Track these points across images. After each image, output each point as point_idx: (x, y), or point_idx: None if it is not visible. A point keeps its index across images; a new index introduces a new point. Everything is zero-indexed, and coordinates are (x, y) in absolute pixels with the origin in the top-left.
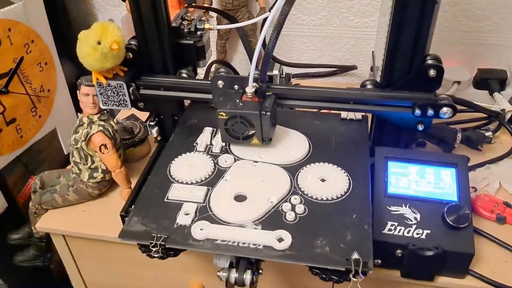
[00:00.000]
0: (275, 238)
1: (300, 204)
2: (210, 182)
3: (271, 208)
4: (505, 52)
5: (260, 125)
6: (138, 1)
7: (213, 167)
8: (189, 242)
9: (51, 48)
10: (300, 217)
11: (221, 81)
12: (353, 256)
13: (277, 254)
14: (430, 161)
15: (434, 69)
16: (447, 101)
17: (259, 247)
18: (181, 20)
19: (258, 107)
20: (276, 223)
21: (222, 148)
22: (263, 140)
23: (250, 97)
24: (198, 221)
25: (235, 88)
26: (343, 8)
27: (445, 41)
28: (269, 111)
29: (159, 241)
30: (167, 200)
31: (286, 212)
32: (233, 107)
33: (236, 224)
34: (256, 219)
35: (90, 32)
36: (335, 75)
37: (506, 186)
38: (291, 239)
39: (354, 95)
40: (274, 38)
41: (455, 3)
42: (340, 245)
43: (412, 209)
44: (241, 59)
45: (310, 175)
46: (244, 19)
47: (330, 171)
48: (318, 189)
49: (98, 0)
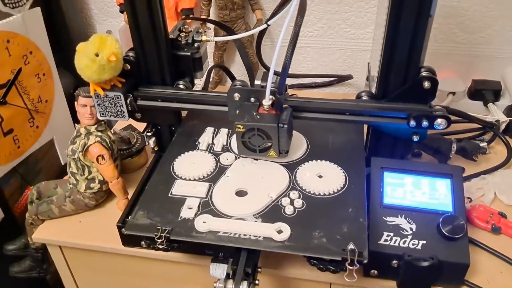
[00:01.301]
0: (274, 230)
1: (299, 199)
2: (212, 179)
3: (270, 202)
4: (499, 64)
5: (278, 137)
6: (136, 13)
7: (215, 165)
8: (193, 234)
9: (49, 59)
10: (298, 211)
11: (238, 94)
12: (349, 246)
13: (277, 245)
14: (426, 171)
15: (429, 81)
16: (442, 112)
17: (259, 239)
18: (178, 32)
19: (275, 119)
20: (275, 216)
21: (224, 146)
22: (280, 153)
23: (266, 110)
24: (201, 215)
25: (251, 100)
26: (339, 20)
27: (440, 53)
28: (287, 124)
29: (164, 233)
30: (171, 195)
31: (285, 206)
32: (250, 120)
33: (237, 217)
34: (256, 212)
35: (89, 44)
36: (331, 86)
37: (501, 197)
38: (290, 231)
39: (349, 106)
40: (291, 50)
41: (449, 16)
42: (336, 236)
43: (408, 220)
44: (238, 70)
45: (308, 172)
46: (241, 31)
47: (327, 168)
48: (316, 185)
49: (96, 12)
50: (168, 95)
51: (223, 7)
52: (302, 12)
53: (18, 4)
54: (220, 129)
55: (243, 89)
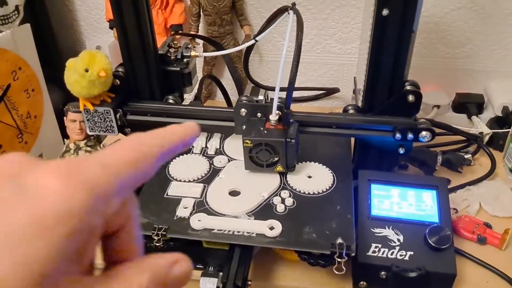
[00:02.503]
0: (267, 226)
1: (289, 197)
2: (206, 180)
3: (262, 201)
4: (481, 77)
5: (285, 152)
6: (126, 29)
7: (208, 167)
8: (188, 231)
9: (39, 74)
10: (289, 208)
11: (244, 109)
12: (338, 240)
13: (269, 240)
14: (412, 183)
15: (413, 94)
16: (426, 125)
17: (252, 235)
18: (168, 48)
19: (283, 134)
20: (267, 214)
21: (217, 150)
22: (287, 167)
23: (273, 125)
24: (196, 214)
25: (258, 115)
26: (325, 35)
27: (424, 67)
28: (294, 139)
29: (161, 231)
30: (167, 196)
31: (276, 205)
32: (258, 135)
33: (231, 216)
34: (249, 211)
35: (78, 60)
36: (318, 99)
37: (486, 207)
38: (281, 227)
39: (336, 119)
40: (295, 65)
41: (432, 31)
42: (325, 232)
43: (395, 231)
44: (227, 85)
45: (298, 173)
46: (230, 46)
47: (316, 169)
48: (306, 184)
49: (86, 28)
50: (158, 110)
51: (211, 23)
52: (301, 27)
53: (8, 21)
54: (213, 134)
55: (250, 104)
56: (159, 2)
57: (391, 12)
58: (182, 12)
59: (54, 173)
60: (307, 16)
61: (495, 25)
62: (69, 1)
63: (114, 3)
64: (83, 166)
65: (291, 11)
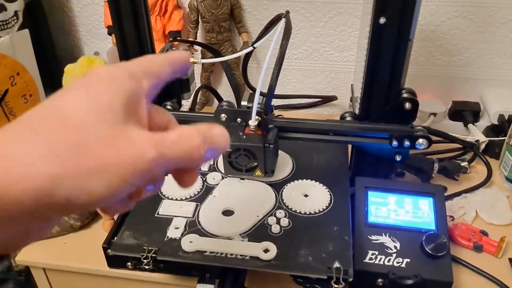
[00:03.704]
0: (261, 249)
1: (285, 217)
2: (199, 198)
3: (257, 221)
4: (478, 85)
5: (264, 157)
6: (124, 35)
7: (201, 184)
8: (179, 254)
9: (37, 80)
10: (284, 229)
11: (224, 114)
12: (335, 265)
13: (263, 264)
14: (408, 191)
15: (409, 102)
16: (423, 132)
17: (246, 258)
18: None
19: (261, 139)
20: (262, 235)
21: (210, 166)
22: (266, 172)
23: (253, 130)
24: (188, 235)
25: (238, 121)
26: (323, 43)
27: (421, 75)
28: (273, 144)
29: (150, 253)
30: (158, 215)
31: (271, 225)
32: (237, 140)
33: (224, 237)
34: (243, 232)
35: (76, 65)
36: (316, 107)
37: (482, 215)
38: (276, 250)
39: (333, 126)
40: (276, 72)
41: (428, 39)
42: (322, 254)
43: (392, 238)
44: (225, 91)
45: (294, 191)
46: (227, 53)
47: (313, 187)
48: (302, 203)
49: (84, 34)
50: None
51: (210, 30)
52: (287, 35)
53: (7, 26)
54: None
55: (230, 110)
56: (158, 9)
57: (388, 21)
58: (180, 19)
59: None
60: (305, 24)
61: (491, 33)
62: (68, 7)
63: (113, 9)
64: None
65: (283, 19)
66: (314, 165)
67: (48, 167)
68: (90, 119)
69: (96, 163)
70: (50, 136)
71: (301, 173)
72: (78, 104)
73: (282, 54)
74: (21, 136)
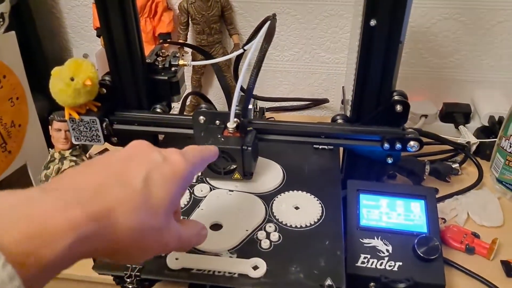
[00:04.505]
0: (250, 266)
1: (275, 232)
2: (185, 212)
3: (246, 236)
4: (468, 87)
5: (242, 160)
6: (113, 37)
7: (188, 197)
8: (165, 272)
9: (24, 83)
10: (275, 244)
11: (203, 117)
12: (327, 282)
13: (252, 282)
14: (400, 193)
15: (401, 104)
16: (414, 135)
17: (234, 276)
18: (155, 56)
19: (240, 142)
20: (251, 251)
21: (198, 177)
22: (245, 175)
23: (231, 132)
24: None
25: (216, 123)
26: (314, 45)
27: (412, 77)
28: (251, 146)
29: (134, 271)
30: None
31: (261, 240)
32: (215, 142)
33: (212, 253)
34: (231, 247)
35: (64, 68)
36: (308, 109)
37: (474, 217)
38: (266, 267)
39: (324, 129)
40: (254, 75)
41: (419, 41)
42: (313, 271)
43: (384, 241)
44: (216, 93)
45: (284, 203)
46: (218, 55)
47: (304, 199)
48: (292, 216)
49: (73, 35)
50: (145, 119)
51: (200, 31)
52: (269, 38)
53: None
54: None
55: (208, 112)
56: (148, 11)
57: (379, 23)
58: (170, 20)
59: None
60: (296, 26)
61: (481, 35)
62: (56, 9)
63: (101, 11)
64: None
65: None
66: (305, 175)
67: (127, 239)
68: (162, 208)
69: (149, 244)
70: (137, 216)
71: (292, 183)
72: (161, 191)
73: (261, 58)
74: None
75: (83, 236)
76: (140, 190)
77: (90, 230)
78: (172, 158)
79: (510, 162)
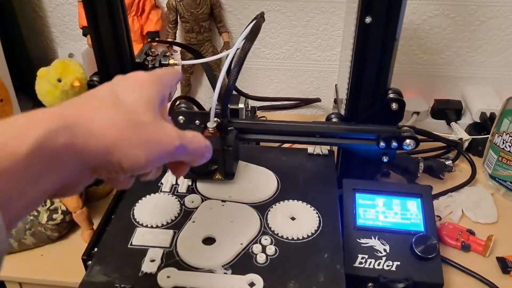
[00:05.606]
0: (246, 282)
1: (271, 245)
2: (176, 225)
3: (241, 250)
4: (459, 83)
5: (223, 160)
6: (100, 36)
7: (179, 208)
8: None
9: (8, 84)
10: (271, 259)
11: (182, 117)
12: None
13: None
14: (396, 192)
15: (396, 102)
16: (410, 133)
17: None
18: (145, 56)
19: (220, 142)
20: (246, 266)
21: (189, 187)
22: (226, 175)
23: (212, 132)
24: (165, 268)
25: (196, 123)
26: (305, 43)
27: (403, 73)
28: (231, 146)
29: None
30: (131, 246)
31: (256, 254)
32: None
33: (205, 270)
34: (226, 263)
35: (50, 69)
36: (299, 107)
37: (468, 214)
38: (262, 283)
39: (319, 128)
40: (235, 74)
41: (410, 38)
42: (312, 287)
43: (381, 241)
44: (206, 92)
45: (279, 214)
46: (208, 53)
47: (300, 209)
48: (289, 228)
49: (58, 35)
50: None
51: (189, 30)
52: (252, 38)
53: None
54: None
55: (187, 112)
56: (135, 9)
57: (374, 20)
58: (158, 19)
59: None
60: (287, 23)
61: (472, 32)
62: (39, 7)
63: (89, 9)
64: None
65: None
66: (300, 183)
67: (111, 133)
68: (140, 107)
69: (143, 138)
70: (110, 113)
71: (287, 192)
72: (131, 95)
73: (242, 57)
74: (92, 108)
75: (53, 130)
76: (107, 96)
77: (60, 124)
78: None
79: (504, 158)
